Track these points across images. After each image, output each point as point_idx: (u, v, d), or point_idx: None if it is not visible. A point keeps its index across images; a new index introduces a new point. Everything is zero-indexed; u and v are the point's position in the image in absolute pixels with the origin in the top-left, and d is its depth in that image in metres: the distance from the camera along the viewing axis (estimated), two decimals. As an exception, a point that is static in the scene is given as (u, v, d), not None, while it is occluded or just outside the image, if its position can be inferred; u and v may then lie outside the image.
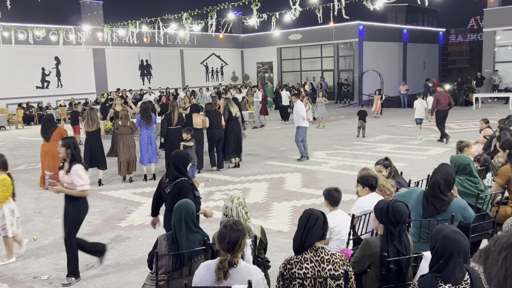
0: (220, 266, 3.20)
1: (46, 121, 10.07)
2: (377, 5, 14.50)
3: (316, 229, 3.35)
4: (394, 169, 5.80)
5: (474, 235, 5.14)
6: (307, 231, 3.34)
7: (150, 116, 10.67)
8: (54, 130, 9.84)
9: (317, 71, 33.81)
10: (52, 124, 10.03)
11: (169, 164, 5.49)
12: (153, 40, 26.30)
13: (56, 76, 27.46)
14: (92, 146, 10.34)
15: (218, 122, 11.33)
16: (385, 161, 5.75)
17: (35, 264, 6.14)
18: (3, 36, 23.25)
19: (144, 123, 10.60)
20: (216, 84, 34.04)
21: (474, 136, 11.92)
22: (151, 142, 10.70)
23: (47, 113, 10.86)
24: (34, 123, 24.69)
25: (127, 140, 10.57)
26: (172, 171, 5.04)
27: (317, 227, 3.35)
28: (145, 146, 10.64)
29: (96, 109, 10.81)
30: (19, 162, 13.65)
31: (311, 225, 3.34)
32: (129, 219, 7.89)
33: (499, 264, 1.37)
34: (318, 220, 3.37)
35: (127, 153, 10.53)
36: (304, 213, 3.48)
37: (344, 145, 14.36)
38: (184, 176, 5.01)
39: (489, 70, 28.43)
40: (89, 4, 28.85)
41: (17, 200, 6.44)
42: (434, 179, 4.34)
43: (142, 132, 10.67)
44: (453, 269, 2.83)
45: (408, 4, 40.41)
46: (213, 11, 17.43)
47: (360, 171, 5.28)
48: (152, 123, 10.72)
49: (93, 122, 10.22)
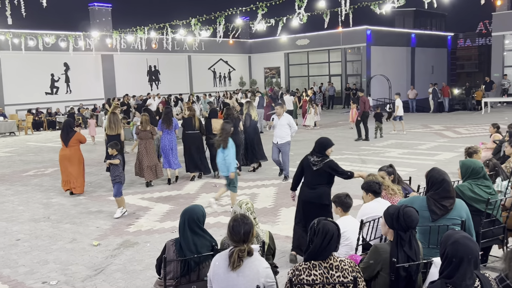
0: (240, 254, 3.38)
1: (66, 126, 10.16)
2: (385, 9, 14.47)
3: (332, 246, 3.32)
4: (398, 176, 5.79)
5: (484, 241, 5.09)
6: (322, 248, 3.29)
7: (171, 120, 10.80)
8: (72, 136, 9.95)
9: (325, 76, 33.80)
10: (71, 130, 10.14)
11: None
12: (161, 46, 26.41)
13: (65, 82, 27.68)
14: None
15: (236, 127, 11.11)
16: (388, 168, 5.74)
17: (43, 269, 6.17)
18: (13, 43, 23.48)
19: (164, 127, 10.72)
20: (220, 89, 34.10)
21: (478, 141, 11.82)
22: (172, 147, 10.79)
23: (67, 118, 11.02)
24: (44, 128, 24.88)
25: (147, 144, 10.68)
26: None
27: (332, 243, 3.32)
28: (166, 151, 10.75)
29: (118, 113, 10.94)
30: (28, 168, 13.74)
31: (327, 242, 3.29)
32: (137, 224, 7.91)
33: None
34: (334, 236, 3.32)
35: (149, 158, 10.63)
36: (320, 228, 3.34)
37: (352, 150, 14.32)
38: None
39: (498, 74, 28.25)
40: (98, 10, 29.08)
41: (25, 205, 6.48)
42: (442, 179, 4.30)
43: (163, 137, 10.79)
44: (464, 275, 2.80)
45: (416, 9, 40.33)
46: (221, 17, 17.49)
47: (366, 177, 5.29)
48: (172, 127, 10.82)
49: (115, 126, 10.33)
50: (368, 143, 15.56)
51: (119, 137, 10.50)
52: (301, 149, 14.58)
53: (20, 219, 8.49)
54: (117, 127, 10.35)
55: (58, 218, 8.47)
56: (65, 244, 7.05)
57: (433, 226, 4.21)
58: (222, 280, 3.42)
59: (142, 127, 10.69)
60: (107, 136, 10.33)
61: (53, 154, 16.15)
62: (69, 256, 6.56)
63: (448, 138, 15.94)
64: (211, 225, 7.50)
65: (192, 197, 9.56)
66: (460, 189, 5.02)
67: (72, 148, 9.93)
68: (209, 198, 8.82)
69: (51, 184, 11.41)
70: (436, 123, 20.52)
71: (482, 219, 4.99)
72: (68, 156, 9.91)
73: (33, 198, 10.04)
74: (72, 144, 9.87)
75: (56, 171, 13.05)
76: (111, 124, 10.37)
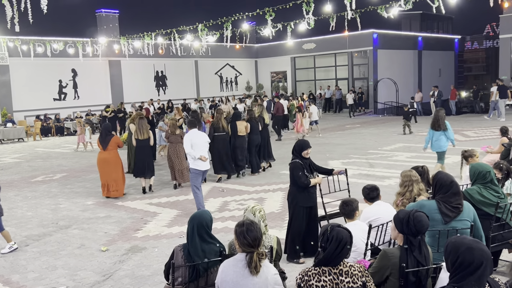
0: (261, 257, 3.42)
1: (104, 130, 10.35)
2: (391, 13, 14.46)
3: (344, 253, 3.29)
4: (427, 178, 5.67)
5: (494, 245, 5.05)
6: (335, 256, 3.26)
7: (200, 123, 11.11)
8: (110, 139, 10.12)
9: (331, 80, 33.76)
10: (109, 133, 10.29)
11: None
12: (168, 51, 26.53)
13: (73, 88, 27.87)
14: (143, 154, 10.55)
15: (257, 128, 12.14)
16: (419, 169, 5.68)
17: (52, 274, 6.19)
18: (22, 50, 23.71)
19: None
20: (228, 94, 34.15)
21: (487, 144, 11.74)
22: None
23: (106, 122, 11.25)
24: (52, 134, 25.03)
25: (177, 148, 10.92)
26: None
27: (345, 251, 3.28)
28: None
29: (145, 118, 11.10)
30: (36, 174, 13.82)
31: (340, 250, 3.25)
32: (145, 230, 7.92)
33: None
34: (347, 243, 3.29)
35: (180, 161, 10.91)
36: (334, 236, 3.27)
37: (360, 154, 14.27)
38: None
39: (506, 77, 28.06)
40: (105, 16, 29.27)
41: (34, 211, 6.50)
42: (450, 181, 4.29)
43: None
44: (479, 280, 2.75)
45: (423, 12, 40.19)
46: (228, 22, 17.55)
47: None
48: (202, 130, 11.03)
49: (142, 131, 10.44)
50: (376, 147, 15.48)
51: (148, 141, 10.60)
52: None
53: (28, 224, 8.54)
54: (145, 132, 10.49)
55: (67, 224, 8.50)
56: (73, 250, 7.08)
57: (443, 230, 4.19)
58: (231, 287, 3.41)
59: (171, 131, 11.01)
60: (136, 141, 10.47)
61: (62, 160, 16.25)
62: (77, 262, 6.58)
63: (456, 141, 15.82)
64: (219, 230, 7.50)
65: (200, 202, 9.56)
66: (469, 192, 4.99)
67: (111, 152, 10.14)
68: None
69: (60, 189, 11.47)
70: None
71: (492, 223, 4.95)
72: (107, 160, 10.10)
73: (41, 204, 10.09)
74: (110, 147, 10.09)
75: (65, 176, 13.13)
76: (140, 129, 10.50)
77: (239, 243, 3.48)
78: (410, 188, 5.15)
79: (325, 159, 13.64)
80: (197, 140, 8.50)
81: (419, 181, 5.24)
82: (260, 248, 3.48)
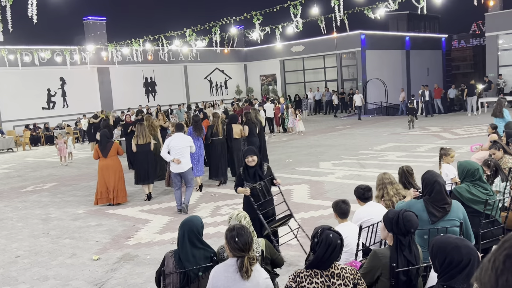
0: (252, 261, 3.42)
1: (102, 137, 10.21)
2: (378, 14, 14.55)
3: (334, 256, 3.28)
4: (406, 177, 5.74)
5: (484, 242, 5.07)
6: (325, 259, 3.25)
7: (202, 128, 11.14)
8: (111, 146, 10.07)
9: (321, 82, 33.88)
10: (108, 140, 10.22)
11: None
12: (157, 57, 26.47)
13: (62, 97, 27.72)
14: (144, 159, 10.46)
15: (255, 131, 12.36)
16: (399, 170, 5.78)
17: (44, 285, 6.13)
18: (9, 59, 23.53)
19: (195, 135, 10.97)
20: (217, 98, 34.14)
21: (476, 142, 11.83)
22: (201, 154, 11.13)
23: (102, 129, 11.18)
24: (41, 144, 24.86)
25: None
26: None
27: (335, 254, 3.27)
28: (196, 158, 10.91)
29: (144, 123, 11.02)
30: (26, 184, 13.71)
31: (330, 253, 3.24)
32: (137, 237, 7.88)
33: (490, 268, 1.35)
34: (337, 247, 3.28)
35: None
36: (323, 239, 3.25)
37: (351, 155, 14.31)
38: None
39: (493, 74, 28.33)
40: (93, 24, 29.18)
41: (24, 221, 6.45)
42: (434, 181, 4.32)
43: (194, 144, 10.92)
44: (467, 277, 2.77)
45: (409, 12, 40.52)
46: (216, 27, 17.57)
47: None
48: (203, 134, 11.18)
49: (143, 136, 10.41)
50: (366, 147, 15.55)
51: (149, 146, 10.54)
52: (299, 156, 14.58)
53: (19, 235, 8.46)
54: (146, 136, 10.45)
55: (58, 234, 8.44)
56: (65, 260, 7.03)
57: (432, 229, 4.20)
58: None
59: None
60: (136, 146, 10.41)
61: (52, 169, 16.13)
62: (69, 272, 6.53)
63: (445, 140, 15.94)
64: (211, 235, 7.48)
65: (191, 208, 9.53)
66: (458, 190, 5.02)
67: (113, 158, 10.10)
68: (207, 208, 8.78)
69: (50, 199, 11.38)
70: (433, 125, 20.55)
71: (481, 220, 4.98)
72: (108, 166, 10.02)
73: (32, 214, 10.00)
74: (111, 154, 10.05)
75: (55, 186, 13.04)
76: (140, 135, 10.45)
77: (229, 248, 3.47)
78: (386, 191, 5.27)
79: (316, 161, 13.70)
80: (176, 144, 8.94)
81: (393, 182, 5.35)
82: (250, 252, 3.47)
